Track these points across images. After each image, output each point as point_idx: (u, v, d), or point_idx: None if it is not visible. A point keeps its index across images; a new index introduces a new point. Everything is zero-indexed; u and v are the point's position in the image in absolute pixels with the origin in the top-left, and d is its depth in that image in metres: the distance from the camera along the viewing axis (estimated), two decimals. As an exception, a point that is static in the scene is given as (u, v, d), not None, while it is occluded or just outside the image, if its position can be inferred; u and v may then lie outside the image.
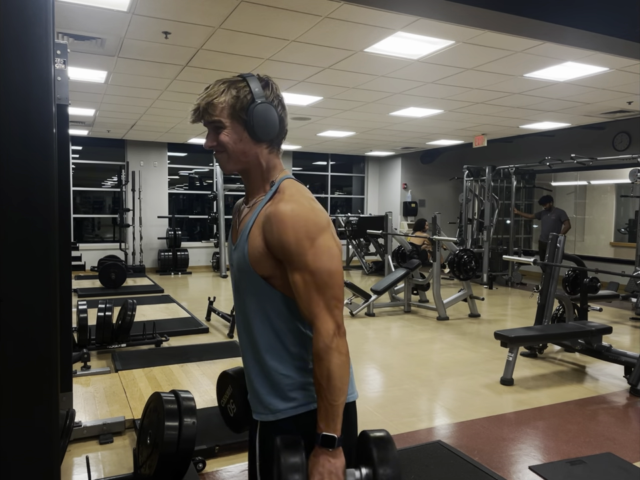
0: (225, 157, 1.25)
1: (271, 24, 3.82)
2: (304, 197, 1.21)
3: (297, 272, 1.17)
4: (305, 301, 1.17)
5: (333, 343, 1.15)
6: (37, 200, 1.01)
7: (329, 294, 1.17)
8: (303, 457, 1.15)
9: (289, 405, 1.24)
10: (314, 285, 1.16)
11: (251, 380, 1.30)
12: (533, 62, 4.68)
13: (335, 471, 1.16)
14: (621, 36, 3.12)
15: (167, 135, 9.36)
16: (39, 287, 1.02)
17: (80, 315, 4.38)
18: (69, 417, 2.20)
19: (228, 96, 1.21)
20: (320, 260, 1.16)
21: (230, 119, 1.21)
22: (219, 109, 1.21)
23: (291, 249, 1.15)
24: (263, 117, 1.21)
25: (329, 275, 1.17)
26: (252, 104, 1.20)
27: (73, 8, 3.54)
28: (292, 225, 1.15)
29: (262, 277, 1.21)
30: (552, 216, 8.50)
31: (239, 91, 1.21)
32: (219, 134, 1.23)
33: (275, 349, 1.24)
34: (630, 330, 6.03)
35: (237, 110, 1.21)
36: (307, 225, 1.16)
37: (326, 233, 1.18)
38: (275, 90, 1.25)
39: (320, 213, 1.20)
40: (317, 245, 1.16)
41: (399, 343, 5.35)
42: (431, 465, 2.71)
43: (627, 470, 2.73)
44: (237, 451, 2.81)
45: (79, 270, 9.45)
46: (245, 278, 1.25)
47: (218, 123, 1.22)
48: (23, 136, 0.99)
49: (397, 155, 11.96)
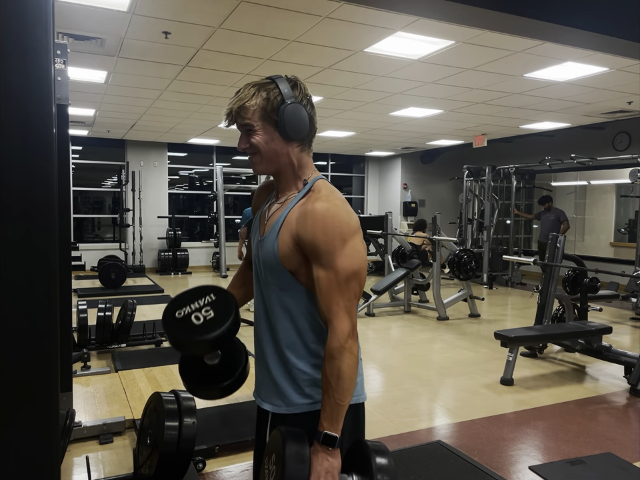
0: (258, 158, 1.28)
1: (270, 24, 3.82)
2: (338, 199, 1.24)
3: (322, 269, 1.19)
4: (326, 299, 1.19)
5: (347, 343, 1.18)
6: (37, 200, 1.01)
7: (350, 295, 1.20)
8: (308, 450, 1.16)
9: (304, 400, 1.26)
10: (337, 285, 1.18)
11: (268, 371, 1.31)
12: (532, 62, 4.68)
13: (332, 471, 1.17)
14: (621, 36, 3.12)
15: (167, 134, 9.36)
16: (39, 286, 1.01)
17: (80, 315, 4.38)
18: (68, 416, 2.21)
19: (259, 98, 1.24)
20: (348, 261, 1.18)
21: (261, 121, 1.25)
22: (250, 112, 1.24)
23: (321, 247, 1.18)
24: (293, 117, 1.24)
25: (354, 277, 1.20)
26: (282, 104, 1.23)
27: (73, 8, 3.54)
28: (327, 224, 1.18)
29: (289, 271, 1.24)
30: (551, 216, 8.50)
31: (269, 92, 1.24)
32: (251, 136, 1.26)
33: (295, 344, 1.26)
34: (630, 330, 6.03)
35: (268, 112, 1.24)
36: (341, 226, 1.19)
37: (357, 236, 1.21)
38: (304, 90, 1.29)
39: (353, 215, 1.23)
40: (348, 247, 1.19)
41: (398, 343, 5.35)
42: (430, 465, 2.71)
43: (627, 470, 2.73)
44: (237, 451, 2.82)
45: (78, 270, 9.45)
46: (271, 272, 1.27)
47: (250, 126, 1.25)
48: (23, 136, 0.99)
49: (397, 154, 11.96)
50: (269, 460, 1.20)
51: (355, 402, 1.28)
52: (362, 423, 1.34)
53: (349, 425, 1.26)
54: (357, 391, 1.29)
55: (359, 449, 1.23)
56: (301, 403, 1.26)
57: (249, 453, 2.80)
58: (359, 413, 1.32)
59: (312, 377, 1.26)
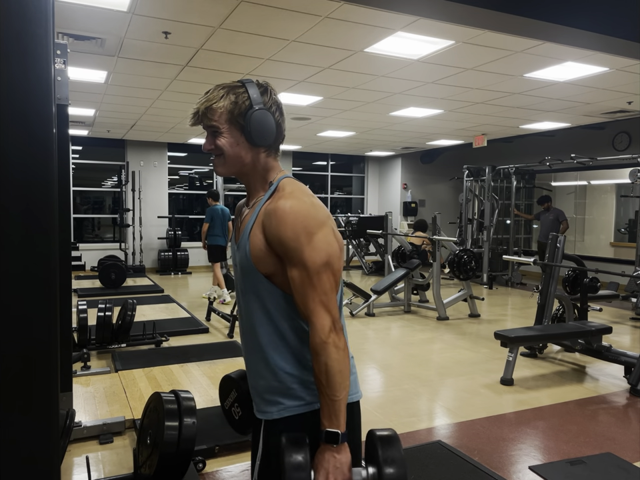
0: (221, 160, 1.29)
1: (270, 24, 3.82)
2: (303, 194, 1.23)
3: (294, 267, 1.18)
4: (301, 297, 1.18)
5: (330, 338, 1.16)
6: (37, 200, 1.01)
7: (324, 289, 1.18)
8: (307, 455, 1.15)
9: (294, 403, 1.25)
10: (309, 280, 1.17)
11: (255, 379, 1.30)
12: (533, 62, 4.68)
13: (340, 467, 1.16)
14: (621, 36, 3.12)
15: (167, 134, 9.36)
16: (39, 287, 1.01)
17: (80, 315, 4.38)
18: (68, 416, 2.21)
19: (227, 101, 1.24)
20: (317, 255, 1.17)
21: (228, 124, 1.25)
22: (217, 114, 1.24)
23: (289, 244, 1.17)
24: (259, 123, 1.24)
25: (325, 270, 1.18)
26: (250, 110, 1.23)
27: (73, 8, 3.54)
28: (291, 221, 1.16)
29: (264, 274, 1.23)
30: (550, 216, 8.51)
31: (238, 96, 1.24)
32: (216, 138, 1.26)
33: (278, 348, 1.25)
34: (630, 330, 6.03)
35: (234, 115, 1.24)
36: (306, 221, 1.17)
37: (325, 227, 1.20)
38: (274, 96, 1.28)
39: (319, 208, 1.22)
40: (315, 240, 1.17)
41: (398, 343, 5.35)
42: (430, 465, 2.71)
43: (627, 470, 2.73)
44: (237, 451, 2.82)
45: (79, 270, 9.45)
46: (247, 276, 1.26)
47: (216, 128, 1.25)
48: (23, 136, 0.99)
49: (397, 154, 11.96)
50: None
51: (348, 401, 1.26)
52: (357, 421, 1.33)
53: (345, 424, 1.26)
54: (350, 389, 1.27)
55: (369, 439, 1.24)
56: (292, 405, 1.25)
57: (248, 453, 2.79)
58: (353, 412, 1.30)
59: (300, 378, 1.24)
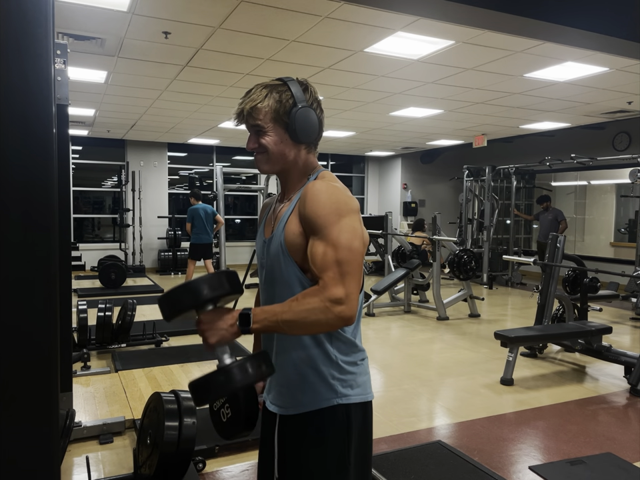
0: (265, 157, 1.29)
1: (271, 24, 3.82)
2: (338, 183, 1.26)
3: (319, 242, 1.17)
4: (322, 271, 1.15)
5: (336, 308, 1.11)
6: (37, 200, 1.01)
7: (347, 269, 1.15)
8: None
9: (312, 399, 1.26)
10: (334, 258, 1.14)
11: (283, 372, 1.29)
12: (533, 62, 4.68)
13: (217, 327, 1.16)
14: (621, 36, 3.12)
15: (167, 134, 9.36)
16: (39, 287, 1.01)
17: (80, 315, 4.38)
18: (68, 416, 2.21)
19: (271, 100, 1.25)
20: (343, 236, 1.16)
21: (273, 123, 1.26)
22: (262, 113, 1.25)
23: (318, 221, 1.17)
24: (304, 121, 1.26)
25: (349, 252, 1.16)
26: (294, 108, 1.25)
27: (73, 8, 3.54)
28: (324, 199, 1.18)
29: (298, 264, 1.23)
30: (549, 216, 8.53)
31: (281, 95, 1.26)
32: (260, 137, 1.27)
33: (303, 342, 1.25)
34: (630, 330, 6.03)
35: (280, 114, 1.25)
36: (338, 203, 1.19)
37: (354, 214, 1.21)
38: (314, 93, 1.31)
39: (353, 200, 1.24)
40: (343, 222, 1.17)
41: (398, 343, 5.35)
42: (430, 465, 2.71)
43: (627, 470, 2.73)
44: (237, 451, 2.82)
45: (79, 270, 9.45)
46: (279, 266, 1.26)
47: (260, 127, 1.26)
48: (23, 136, 0.99)
49: (397, 154, 11.96)
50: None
51: (364, 400, 1.30)
52: (370, 421, 1.35)
53: (359, 422, 1.28)
54: (365, 388, 1.31)
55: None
56: (309, 401, 1.25)
57: (248, 453, 2.80)
58: (367, 411, 1.32)
59: (323, 374, 1.25)
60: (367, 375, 1.33)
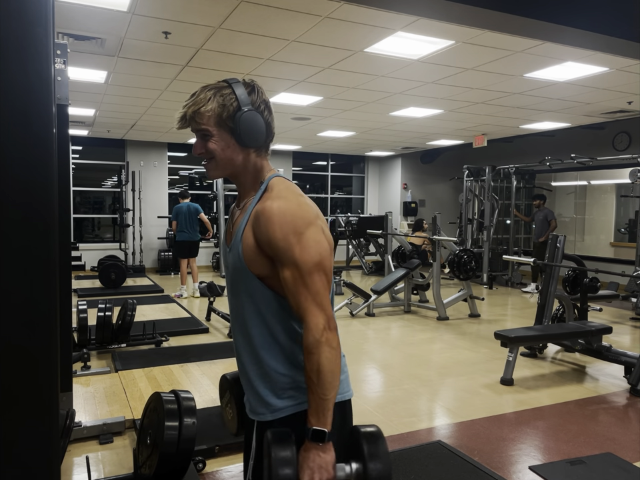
0: (213, 164, 1.27)
1: (270, 24, 3.82)
2: (291, 193, 1.22)
3: (286, 268, 1.17)
4: (294, 296, 1.17)
5: (323, 337, 1.15)
6: (37, 200, 1.01)
7: (318, 288, 1.17)
8: (293, 451, 1.16)
9: (287, 403, 1.25)
10: (302, 280, 1.16)
11: (248, 380, 1.30)
12: (533, 62, 4.68)
13: (325, 466, 1.16)
14: (621, 36, 3.12)
15: (167, 135, 9.36)
16: (39, 287, 1.01)
17: (80, 315, 4.38)
18: (68, 416, 2.21)
19: (214, 104, 1.22)
20: (307, 254, 1.16)
21: (217, 127, 1.23)
22: (205, 118, 1.22)
23: (278, 245, 1.16)
24: (249, 125, 1.22)
25: (318, 270, 1.17)
26: (238, 112, 1.21)
27: (73, 8, 3.54)
28: (279, 221, 1.16)
29: (257, 276, 1.22)
30: (540, 215, 8.57)
31: (225, 98, 1.22)
32: (206, 141, 1.25)
33: (271, 348, 1.25)
34: (630, 330, 6.03)
35: (223, 118, 1.22)
36: (294, 220, 1.17)
37: (313, 226, 1.19)
38: (261, 95, 1.26)
39: (307, 207, 1.21)
40: (304, 239, 1.16)
41: (398, 343, 5.35)
42: (430, 465, 2.71)
43: (627, 470, 2.73)
44: (237, 451, 2.81)
45: (79, 270, 9.45)
46: (240, 278, 1.26)
47: (205, 131, 1.23)
48: (23, 136, 0.99)
49: (397, 154, 11.96)
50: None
51: (340, 399, 1.27)
52: (349, 420, 1.33)
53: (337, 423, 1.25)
54: (342, 388, 1.28)
55: (353, 435, 1.24)
56: (284, 406, 1.25)
57: (249, 453, 2.80)
58: (345, 411, 1.30)
59: (293, 378, 1.24)
60: (343, 374, 1.29)
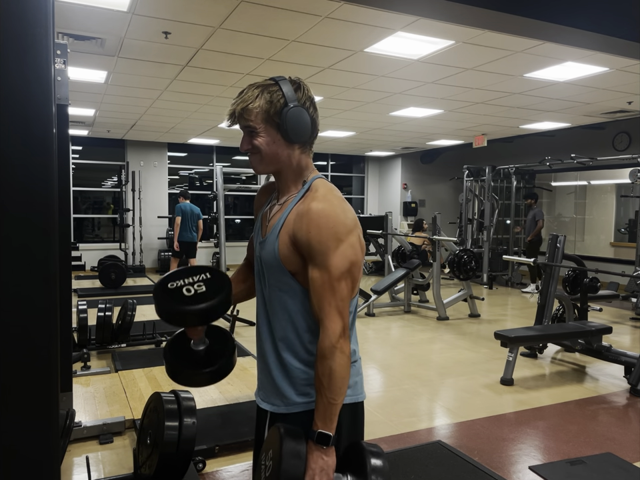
0: (258, 158, 1.29)
1: (271, 24, 3.82)
2: (335, 197, 1.24)
3: (317, 269, 1.19)
4: (318, 298, 1.19)
5: (339, 343, 1.17)
6: (37, 200, 1.01)
7: (342, 295, 1.19)
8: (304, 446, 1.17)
9: (303, 399, 1.27)
10: (330, 285, 1.18)
11: (269, 370, 1.32)
12: (532, 62, 4.67)
13: (327, 469, 1.17)
14: (621, 36, 3.12)
15: (167, 134, 9.35)
16: (39, 287, 1.01)
17: (80, 315, 4.38)
18: (68, 416, 2.21)
19: (262, 101, 1.24)
20: (341, 262, 1.18)
21: (264, 123, 1.25)
22: (253, 114, 1.24)
23: (316, 247, 1.18)
24: (295, 120, 1.24)
25: (346, 278, 1.20)
26: (285, 108, 1.24)
27: (73, 8, 3.54)
28: (321, 225, 1.18)
29: (290, 272, 1.24)
30: (529, 215, 8.63)
31: (272, 95, 1.24)
32: (253, 137, 1.27)
33: (293, 344, 1.27)
34: (630, 330, 6.03)
35: (270, 114, 1.24)
36: (336, 226, 1.19)
37: (352, 235, 1.21)
38: (307, 92, 1.29)
39: (349, 214, 1.23)
40: (342, 246, 1.19)
41: (398, 343, 5.35)
42: (430, 465, 2.71)
43: (627, 470, 2.73)
44: (237, 451, 2.82)
45: (79, 270, 9.45)
46: (272, 272, 1.28)
47: (252, 128, 1.26)
48: (23, 136, 0.99)
49: (397, 154, 11.96)
50: (266, 456, 1.22)
51: (353, 401, 1.29)
52: (361, 422, 1.34)
53: (347, 424, 1.27)
54: (356, 389, 1.30)
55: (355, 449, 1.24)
56: (300, 402, 1.27)
57: (249, 453, 2.80)
58: (357, 412, 1.32)
59: (310, 375, 1.26)
60: (358, 376, 1.33)
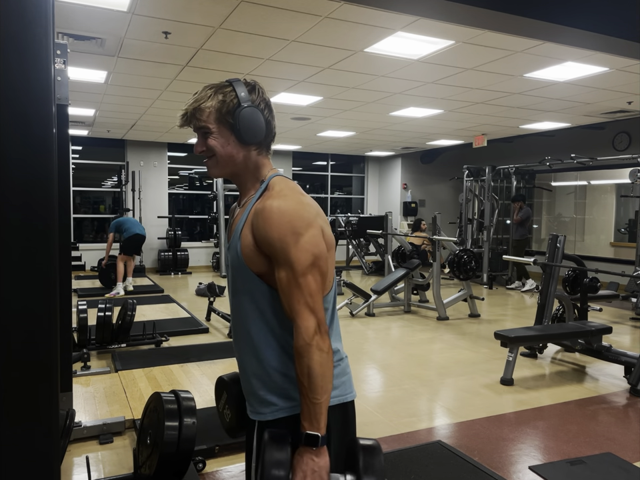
0: (214, 161, 1.28)
1: (271, 24, 3.82)
2: (292, 192, 1.22)
3: (281, 268, 1.17)
4: (287, 297, 1.17)
5: (314, 340, 1.14)
6: (37, 200, 1.01)
7: (311, 290, 1.16)
8: (287, 453, 1.15)
9: (287, 404, 1.24)
10: (295, 281, 1.15)
11: (248, 379, 1.29)
12: (533, 62, 4.68)
13: (318, 470, 1.15)
14: (621, 36, 3.12)
15: (167, 135, 9.36)
16: (39, 287, 1.01)
17: (80, 315, 4.38)
18: (68, 416, 2.20)
19: (214, 101, 1.23)
20: (303, 256, 1.15)
21: (217, 124, 1.24)
22: (206, 114, 1.24)
23: (275, 245, 1.16)
24: (249, 121, 1.23)
25: (312, 271, 1.16)
26: (238, 108, 1.22)
27: (73, 8, 3.54)
28: (277, 221, 1.15)
29: (256, 273, 1.22)
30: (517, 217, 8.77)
31: (225, 95, 1.23)
32: (207, 139, 1.26)
33: (271, 347, 1.24)
34: (630, 330, 6.03)
35: (223, 114, 1.23)
36: (293, 221, 1.16)
37: (312, 228, 1.18)
38: (262, 94, 1.27)
39: (308, 207, 1.20)
40: (302, 241, 1.16)
41: (398, 343, 5.35)
42: (430, 465, 2.71)
43: (627, 470, 2.73)
44: (237, 451, 2.81)
45: (79, 270, 9.45)
46: (239, 276, 1.25)
47: (206, 128, 1.25)
48: (23, 136, 0.99)
49: (397, 154, 11.96)
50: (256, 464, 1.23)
51: (342, 401, 1.26)
52: (352, 421, 1.32)
53: (337, 425, 1.24)
54: (343, 389, 1.27)
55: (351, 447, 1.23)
56: (284, 406, 1.24)
57: (249, 453, 2.80)
58: (347, 412, 1.29)
59: (292, 377, 1.23)
60: (345, 376, 1.29)
